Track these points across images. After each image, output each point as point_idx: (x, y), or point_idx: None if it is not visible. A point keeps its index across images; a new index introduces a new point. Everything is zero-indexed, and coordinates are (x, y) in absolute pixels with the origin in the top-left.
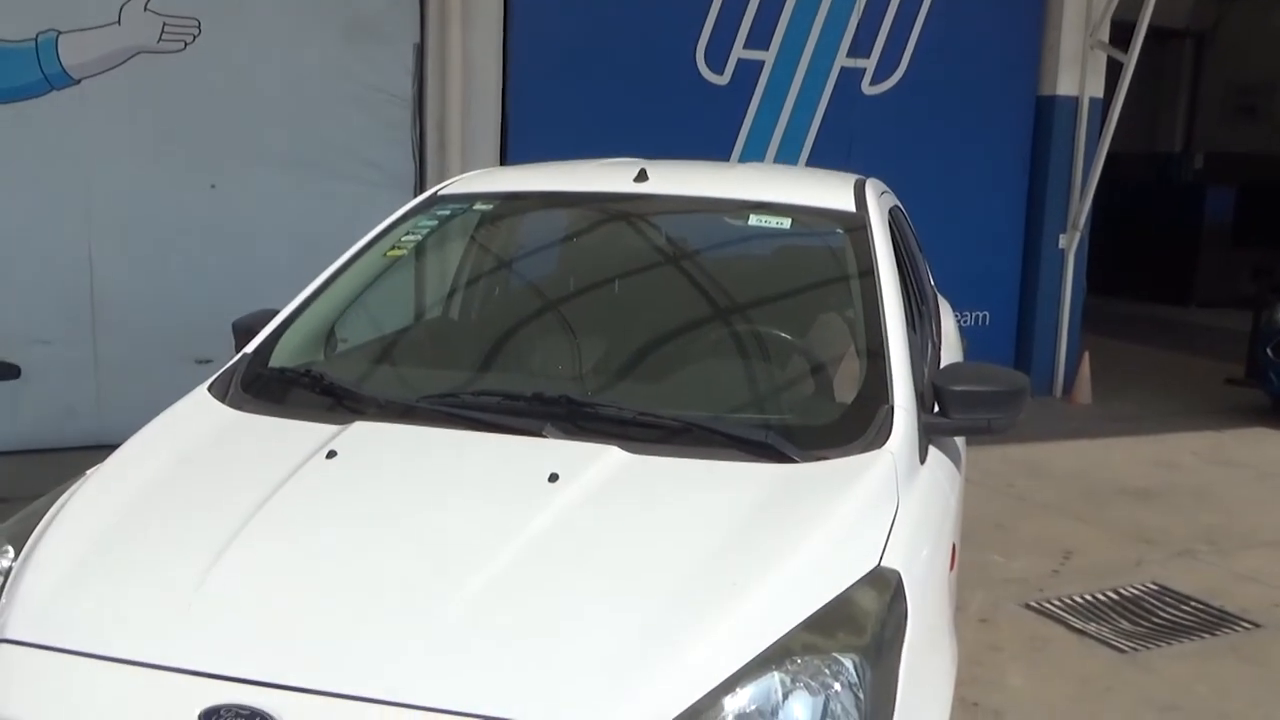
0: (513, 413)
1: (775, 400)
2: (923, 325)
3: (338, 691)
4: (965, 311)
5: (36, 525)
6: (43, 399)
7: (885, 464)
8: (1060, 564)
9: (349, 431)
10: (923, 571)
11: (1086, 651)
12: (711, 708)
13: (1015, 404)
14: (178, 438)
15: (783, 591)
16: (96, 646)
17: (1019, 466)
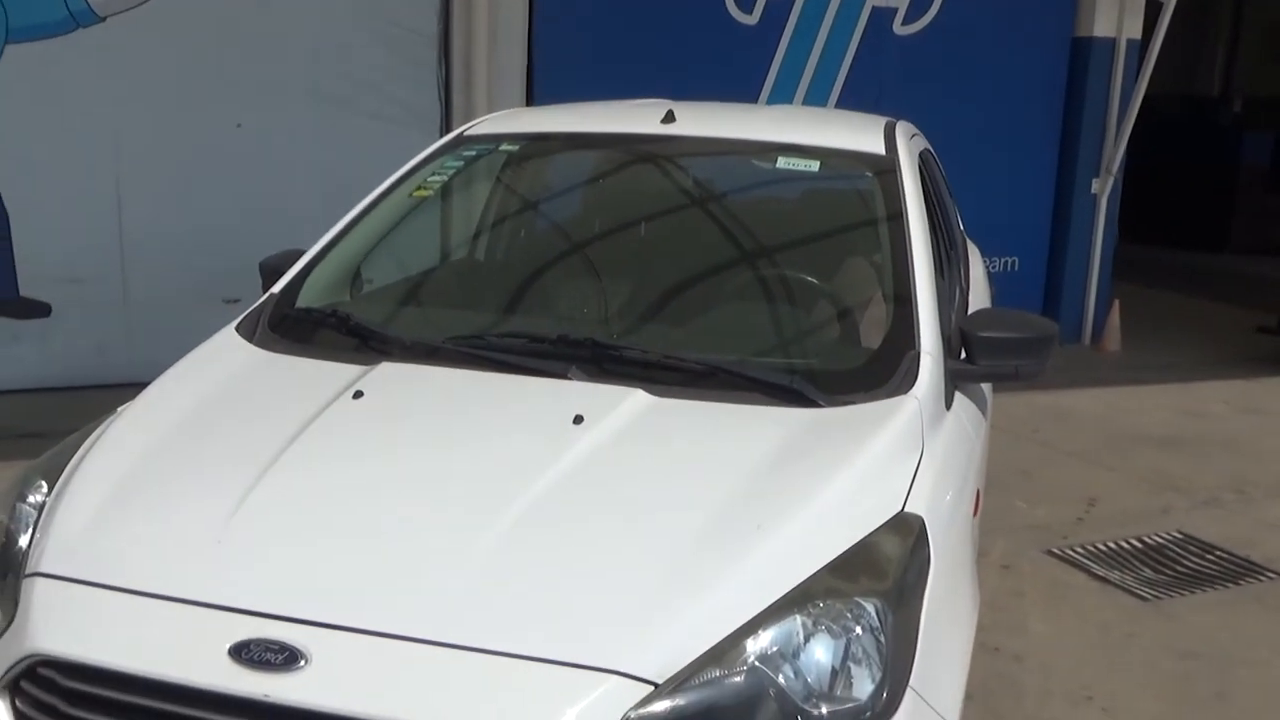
0: (538, 355)
1: (801, 344)
2: (951, 271)
3: (364, 628)
4: (994, 257)
5: (69, 461)
6: (73, 337)
7: (910, 410)
8: (1084, 511)
9: (375, 372)
10: (946, 517)
11: (1108, 599)
12: (733, 649)
13: (1043, 351)
14: (206, 377)
15: (806, 535)
16: (128, 581)
17: (1045, 413)
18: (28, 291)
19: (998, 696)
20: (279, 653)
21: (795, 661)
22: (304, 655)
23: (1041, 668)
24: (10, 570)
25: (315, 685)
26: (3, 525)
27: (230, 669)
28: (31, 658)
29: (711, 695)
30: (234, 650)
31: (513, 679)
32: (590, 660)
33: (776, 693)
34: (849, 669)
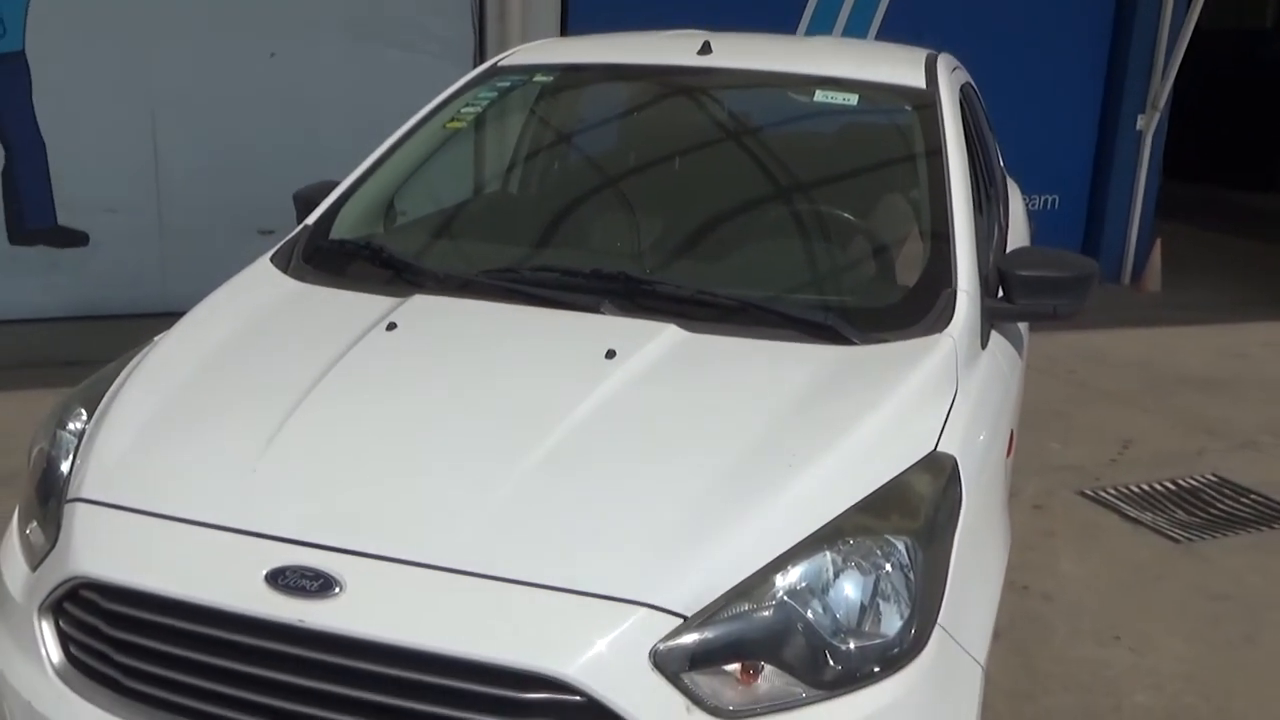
0: (571, 289)
1: (836, 281)
2: (990, 208)
3: (397, 557)
4: (1034, 195)
5: (108, 389)
6: (109, 266)
7: (945, 348)
8: (1119, 453)
9: (408, 304)
10: (979, 457)
11: (1140, 540)
12: (762, 584)
13: (1082, 290)
14: (241, 307)
15: (838, 472)
16: (166, 507)
17: (1082, 354)
18: (65, 221)
19: (1026, 635)
20: (314, 579)
21: (824, 597)
22: (338, 582)
23: (1070, 608)
24: (52, 495)
25: (349, 612)
26: (44, 451)
27: (266, 594)
28: (73, 580)
29: (740, 629)
30: (270, 576)
31: (543, 610)
32: (620, 592)
33: (804, 627)
34: (878, 605)
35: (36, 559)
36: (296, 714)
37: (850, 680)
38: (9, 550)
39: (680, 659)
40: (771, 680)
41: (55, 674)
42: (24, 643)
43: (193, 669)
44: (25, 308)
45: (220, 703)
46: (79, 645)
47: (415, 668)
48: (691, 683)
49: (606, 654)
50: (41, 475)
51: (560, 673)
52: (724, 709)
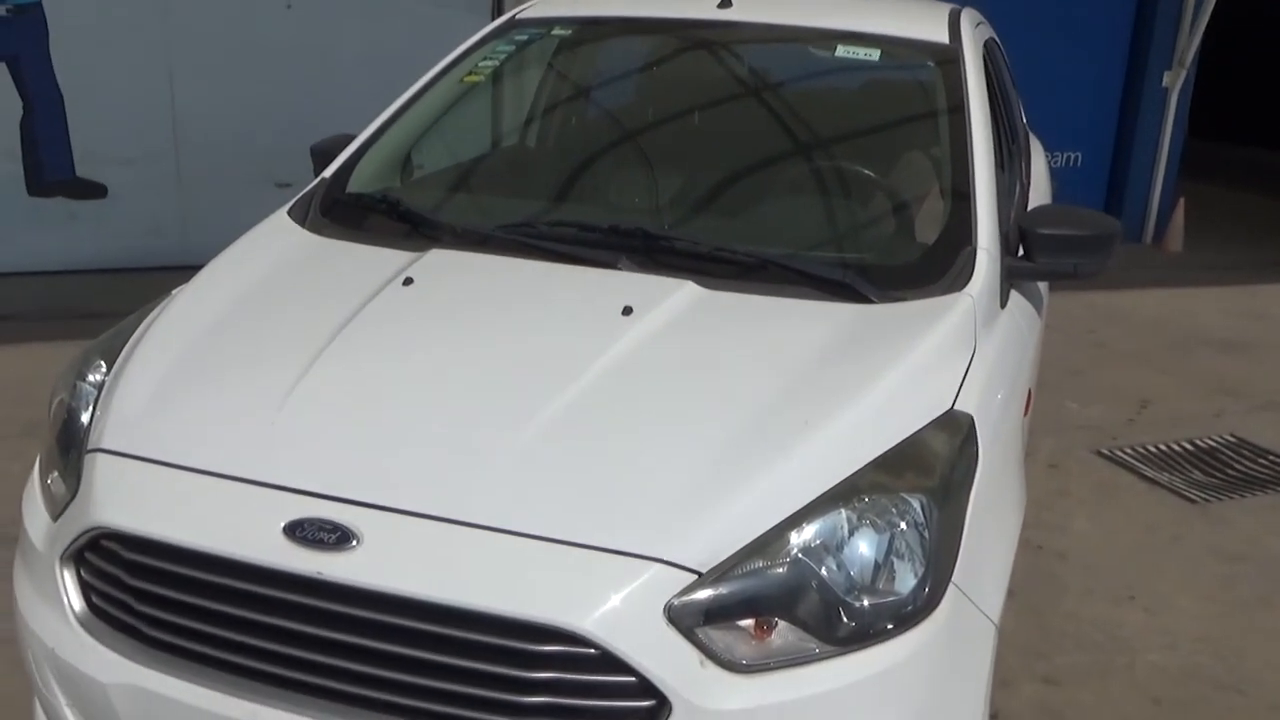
0: (588, 244)
1: (855, 239)
2: (1012, 165)
3: (413, 510)
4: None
5: (127, 341)
6: (127, 218)
7: (964, 307)
8: (1136, 413)
9: (425, 259)
10: (996, 416)
11: (1156, 500)
12: (777, 541)
13: (1104, 250)
14: (259, 261)
15: (854, 430)
16: (185, 459)
17: (1102, 313)
18: (83, 172)
19: (1039, 593)
20: (332, 532)
21: (838, 555)
22: (355, 535)
23: (1084, 566)
24: (73, 446)
25: (366, 565)
26: (65, 403)
27: (284, 546)
28: (94, 530)
29: (754, 585)
30: (288, 528)
31: (558, 564)
32: (635, 548)
33: (819, 584)
34: (892, 563)
35: (58, 509)
36: (314, 664)
37: (863, 637)
38: (31, 500)
39: (694, 614)
40: (785, 636)
41: (77, 622)
42: (47, 591)
43: (212, 619)
44: (45, 259)
45: (240, 652)
46: (100, 594)
47: (431, 620)
48: (705, 637)
49: (621, 608)
50: (62, 426)
51: (575, 626)
52: (737, 663)
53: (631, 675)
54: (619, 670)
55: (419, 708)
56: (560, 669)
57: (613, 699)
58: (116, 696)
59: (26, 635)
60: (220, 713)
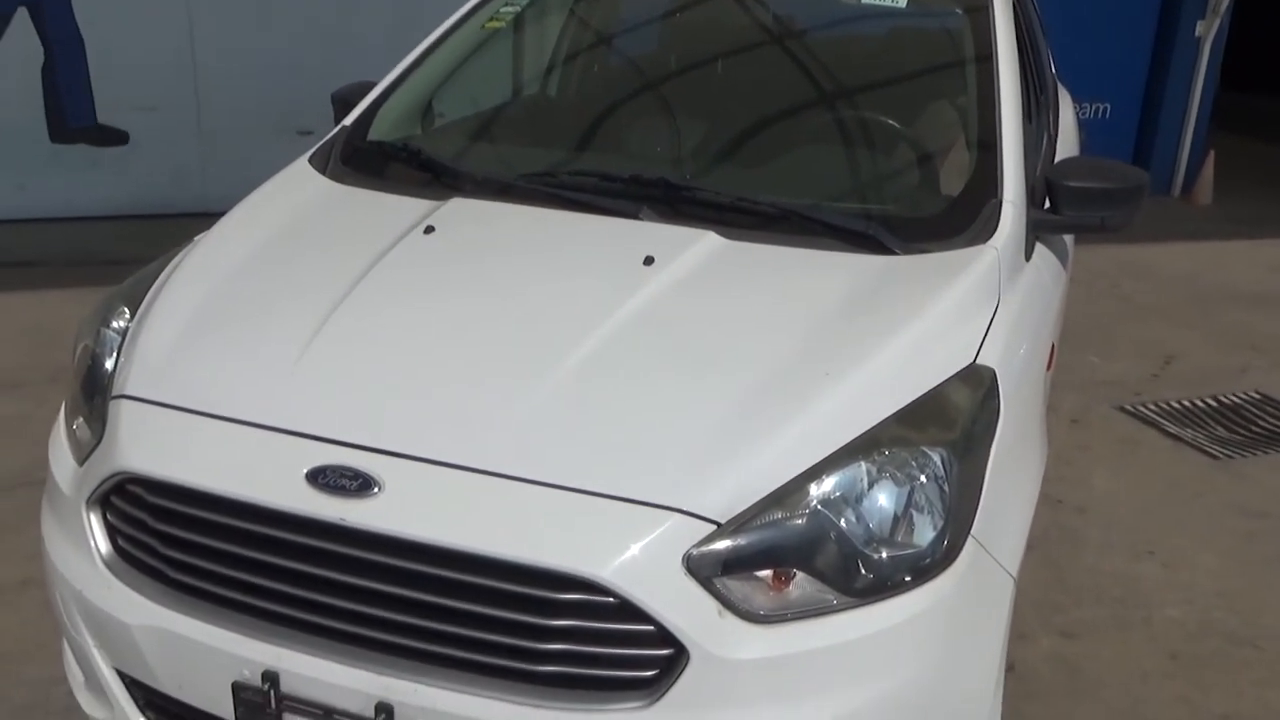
0: (609, 194)
1: (879, 190)
2: (1039, 116)
3: (434, 458)
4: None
5: (150, 288)
6: (149, 165)
7: (988, 260)
8: (1160, 368)
9: (446, 207)
10: (1018, 370)
11: (1179, 456)
12: (796, 493)
13: (1131, 202)
14: (280, 209)
15: (875, 383)
16: (208, 405)
17: (1127, 267)
18: (105, 119)
19: (1058, 548)
20: (354, 479)
21: (858, 507)
22: (377, 482)
23: (1104, 522)
24: (97, 392)
25: (388, 511)
26: (89, 349)
27: (307, 493)
28: (119, 475)
29: (773, 536)
30: (311, 475)
31: (577, 513)
32: (654, 498)
33: (837, 536)
34: (911, 516)
35: (83, 453)
36: (336, 608)
37: (881, 589)
38: (57, 445)
39: (713, 564)
40: (803, 587)
41: (104, 565)
42: (74, 534)
43: (235, 563)
44: (68, 206)
45: (263, 596)
46: (126, 538)
47: (451, 566)
48: (723, 587)
49: (640, 558)
50: (86, 372)
51: (594, 575)
52: (755, 613)
53: (649, 624)
54: (637, 619)
55: (440, 653)
56: (579, 617)
57: (630, 647)
58: (142, 638)
59: (54, 577)
60: (244, 655)
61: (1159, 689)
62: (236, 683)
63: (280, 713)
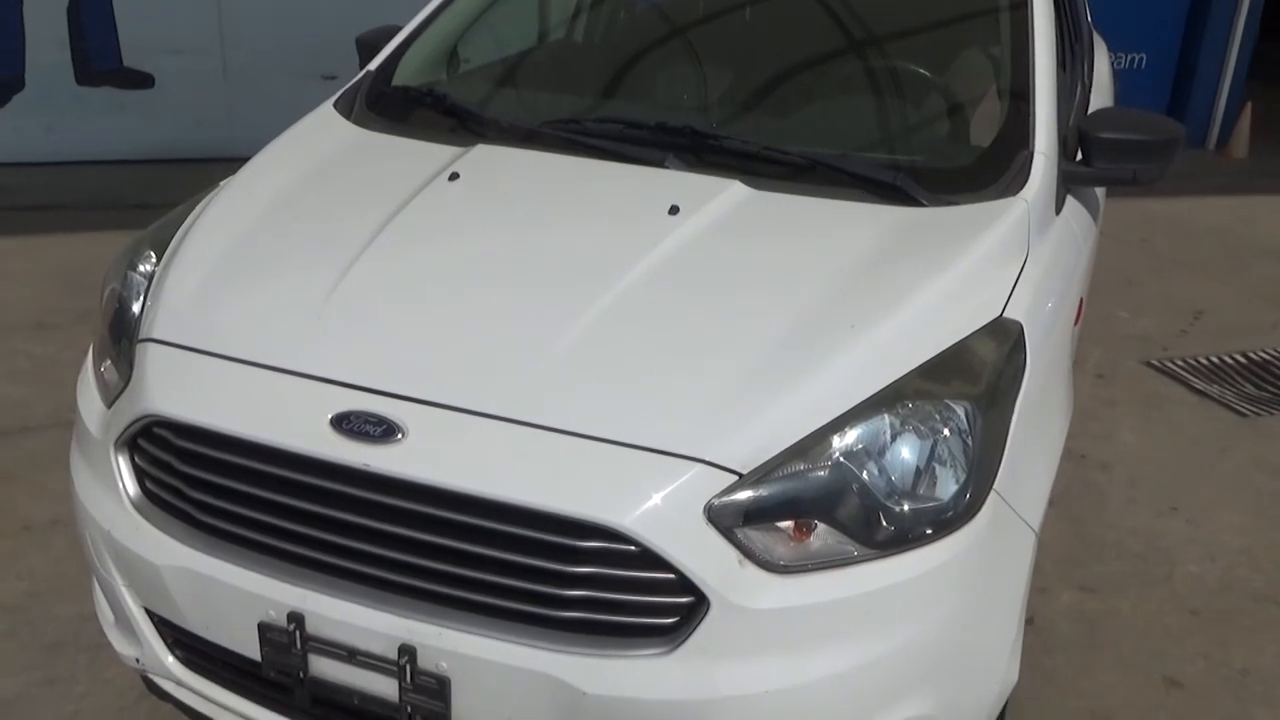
0: (635, 142)
1: (907, 140)
2: (1074, 65)
3: (457, 406)
4: (1120, 53)
5: (176, 232)
6: (175, 109)
7: (1018, 212)
8: (1189, 324)
9: (471, 154)
10: (1045, 324)
11: (1205, 413)
12: (819, 444)
13: (1166, 155)
14: (305, 154)
15: (900, 335)
16: (234, 349)
17: (1159, 221)
18: (131, 62)
19: (1080, 503)
20: (377, 425)
21: (880, 459)
22: (401, 429)
23: (1128, 477)
24: (125, 335)
25: (411, 458)
26: (116, 292)
27: (331, 438)
28: (146, 418)
29: (794, 487)
30: (335, 420)
31: (600, 462)
32: (677, 448)
33: (859, 488)
34: (933, 469)
35: (111, 396)
36: (361, 552)
37: (902, 541)
38: (85, 387)
39: (734, 514)
40: (824, 538)
41: (132, 506)
42: (102, 476)
43: (261, 506)
44: (95, 149)
45: (288, 539)
46: (153, 480)
47: (473, 513)
48: (744, 537)
49: (662, 507)
50: (114, 315)
51: (616, 523)
52: (775, 564)
53: (670, 572)
54: (658, 567)
55: (462, 597)
56: (600, 564)
57: (651, 595)
58: (170, 578)
59: (84, 518)
60: (270, 596)
61: (1179, 644)
62: (262, 623)
63: (305, 653)
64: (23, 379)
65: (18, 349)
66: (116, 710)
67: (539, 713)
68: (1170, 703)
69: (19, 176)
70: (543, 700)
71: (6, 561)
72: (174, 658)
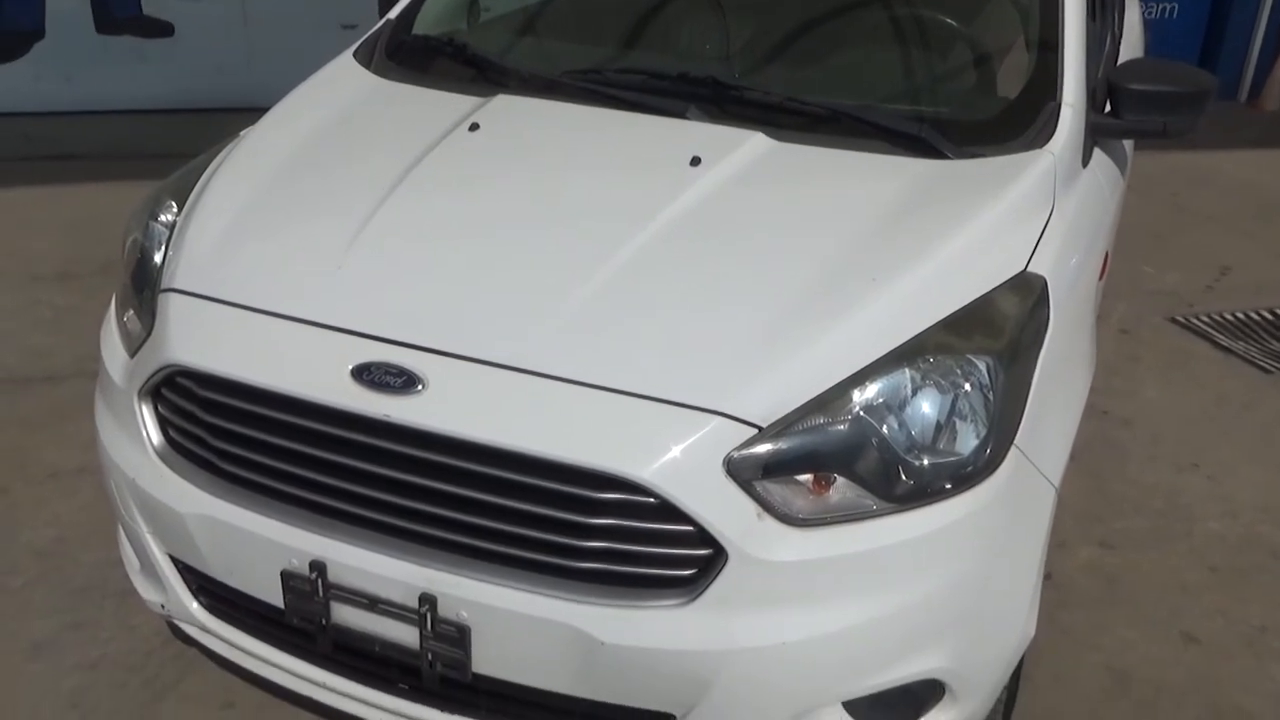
0: (657, 92)
1: (932, 91)
2: (1103, 15)
3: (477, 357)
4: (1150, 2)
5: (196, 182)
6: (194, 57)
7: (1044, 165)
8: (1216, 279)
9: (491, 104)
10: (1070, 279)
11: (1230, 369)
12: (839, 398)
13: (1196, 107)
14: (325, 104)
15: (923, 289)
16: (254, 300)
17: (1187, 174)
18: (150, 10)
19: (1101, 459)
20: (398, 376)
21: (900, 414)
22: (421, 380)
23: (1150, 434)
24: (147, 285)
25: (431, 409)
26: (138, 242)
27: (352, 389)
28: (169, 368)
29: (814, 441)
30: (356, 371)
31: (619, 414)
32: (696, 400)
33: (879, 443)
34: (954, 424)
35: (134, 346)
36: (381, 502)
37: (921, 495)
38: (109, 337)
39: (753, 467)
40: (843, 492)
41: (156, 455)
42: (126, 425)
43: (283, 456)
44: (115, 98)
45: (310, 489)
46: (177, 429)
47: (493, 464)
48: (763, 490)
49: (681, 459)
50: (136, 265)
51: (635, 475)
52: (794, 517)
53: (689, 524)
54: (677, 519)
55: (482, 548)
56: (619, 516)
57: (670, 547)
58: (194, 526)
59: (109, 466)
60: (292, 545)
61: (1197, 601)
62: (285, 571)
63: (327, 601)
64: (46, 329)
65: (41, 299)
66: (143, 654)
67: (557, 661)
68: (1187, 658)
69: (40, 126)
70: (561, 649)
71: (35, 508)
72: (198, 604)
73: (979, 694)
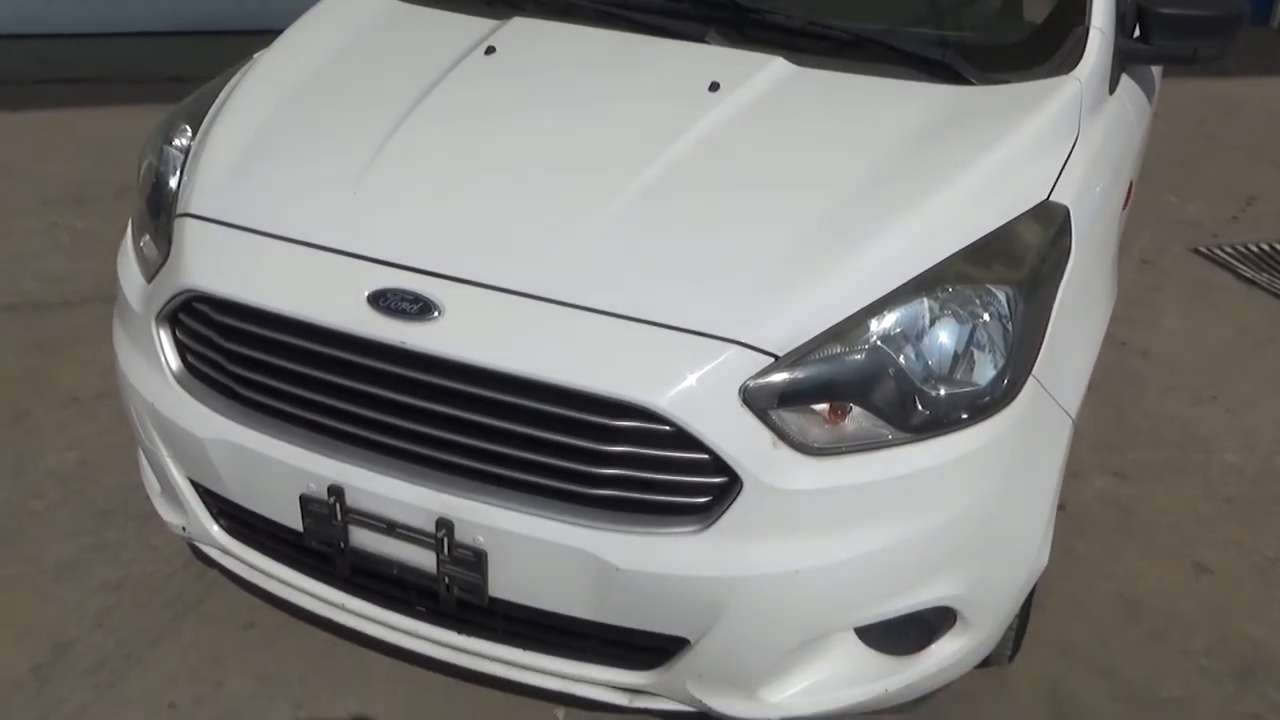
0: (675, 16)
1: (956, 15)
2: None
3: (493, 284)
4: None
5: (210, 106)
6: None
7: (1070, 92)
8: (1241, 210)
9: (507, 27)
10: (1093, 209)
11: (1252, 301)
12: (857, 327)
13: (1228, 32)
14: (340, 26)
15: (943, 218)
16: (270, 225)
17: (1215, 102)
18: None
19: (1119, 390)
20: (414, 303)
21: (918, 344)
22: (437, 307)
23: (1168, 365)
24: (162, 210)
25: (447, 335)
26: (153, 167)
27: (369, 315)
28: (185, 293)
29: (830, 370)
30: (372, 298)
31: (636, 342)
32: (713, 329)
33: (896, 373)
34: (972, 354)
35: (151, 271)
36: (398, 428)
37: (937, 425)
38: (125, 262)
39: (769, 396)
40: (859, 421)
41: (174, 380)
42: (145, 350)
43: (300, 381)
44: (128, 21)
45: (327, 414)
46: (195, 354)
47: (509, 391)
48: (779, 419)
49: (697, 387)
50: (151, 190)
51: (651, 403)
52: (809, 446)
53: (704, 452)
54: (692, 447)
55: (499, 474)
56: (635, 443)
57: (685, 474)
58: (213, 450)
59: (128, 390)
60: (310, 470)
61: (1211, 531)
62: (304, 495)
63: (346, 525)
64: (63, 253)
65: (58, 223)
66: (165, 575)
67: (573, 586)
68: (1199, 588)
69: (54, 49)
70: (576, 574)
71: (56, 432)
72: (219, 527)
73: (990, 622)
